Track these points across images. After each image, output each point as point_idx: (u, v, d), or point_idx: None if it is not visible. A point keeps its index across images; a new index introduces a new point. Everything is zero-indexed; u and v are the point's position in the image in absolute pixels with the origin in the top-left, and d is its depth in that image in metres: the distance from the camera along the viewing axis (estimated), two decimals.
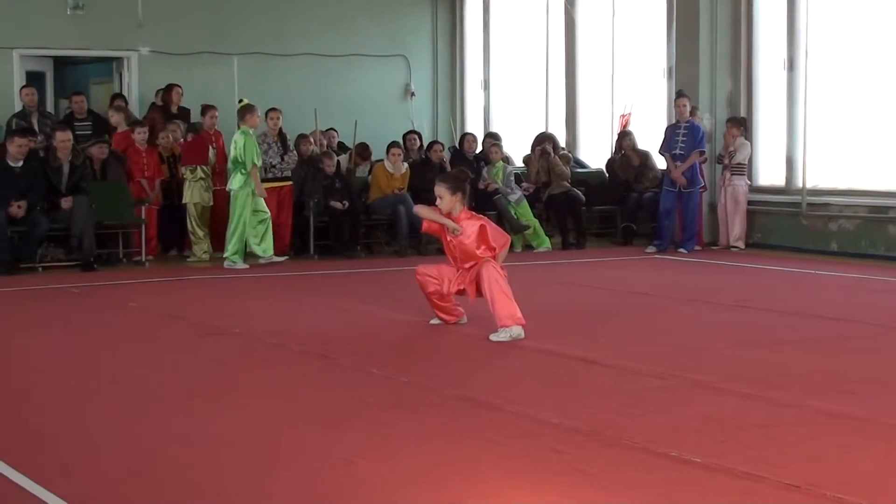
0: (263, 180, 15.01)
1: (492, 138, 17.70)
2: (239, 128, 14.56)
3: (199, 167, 15.38)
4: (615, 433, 6.12)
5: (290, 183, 15.41)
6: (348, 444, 5.99)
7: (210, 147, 15.67)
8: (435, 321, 9.83)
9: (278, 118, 15.61)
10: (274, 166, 15.35)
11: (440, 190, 9.55)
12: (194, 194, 15.39)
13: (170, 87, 17.37)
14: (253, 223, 14.48)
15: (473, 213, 9.93)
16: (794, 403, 6.86)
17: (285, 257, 14.95)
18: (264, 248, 14.58)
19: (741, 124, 16.10)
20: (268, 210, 14.67)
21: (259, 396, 7.22)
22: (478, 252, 9.40)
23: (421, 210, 10.10)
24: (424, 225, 10.02)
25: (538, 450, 5.87)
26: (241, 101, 14.99)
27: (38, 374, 8.05)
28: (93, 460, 5.81)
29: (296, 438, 6.14)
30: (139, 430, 6.37)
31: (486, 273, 9.17)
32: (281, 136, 15.64)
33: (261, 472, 5.55)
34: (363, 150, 17.59)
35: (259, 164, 14.60)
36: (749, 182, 16.17)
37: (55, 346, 9.22)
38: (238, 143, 14.40)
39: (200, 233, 15.44)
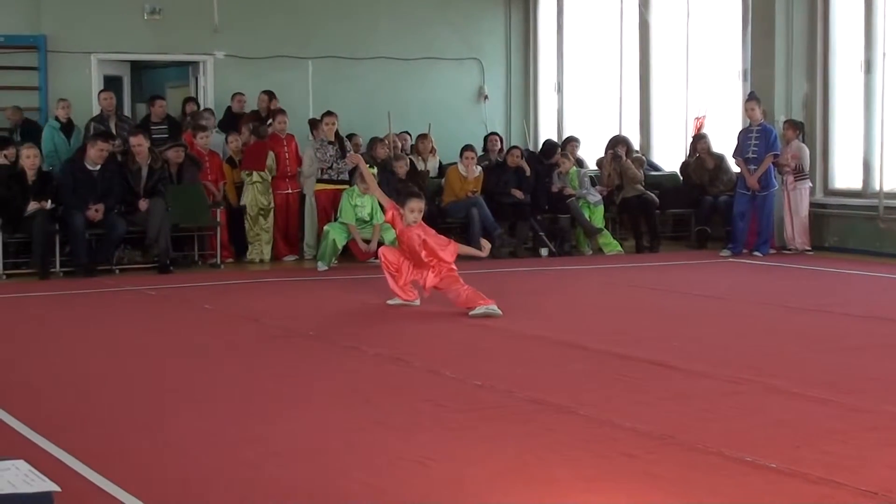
0: (320, 181, 15.74)
1: (572, 142, 17.74)
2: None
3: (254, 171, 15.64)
4: (689, 438, 6.09)
5: (346, 186, 15.45)
6: (421, 447, 6.00)
7: (269, 153, 15.77)
8: (392, 301, 11.15)
9: (334, 123, 15.81)
10: (330, 168, 15.58)
11: (421, 205, 10.99)
12: (249, 197, 15.64)
13: (268, 94, 17.48)
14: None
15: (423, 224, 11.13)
16: (872, 409, 6.78)
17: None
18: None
19: (798, 127, 15.92)
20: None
21: (332, 398, 7.24)
22: (422, 256, 10.77)
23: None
24: (388, 215, 11.17)
25: (610, 454, 5.84)
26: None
27: (115, 377, 8.13)
28: (170, 461, 5.85)
29: (369, 440, 6.16)
30: (214, 431, 6.42)
31: (454, 295, 10.67)
32: (338, 138, 15.81)
33: (334, 473, 5.57)
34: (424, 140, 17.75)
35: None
36: (812, 185, 16.01)
37: (131, 348, 9.30)
38: None
39: (255, 234, 15.73)
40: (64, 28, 17.94)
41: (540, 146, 18.10)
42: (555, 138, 19.16)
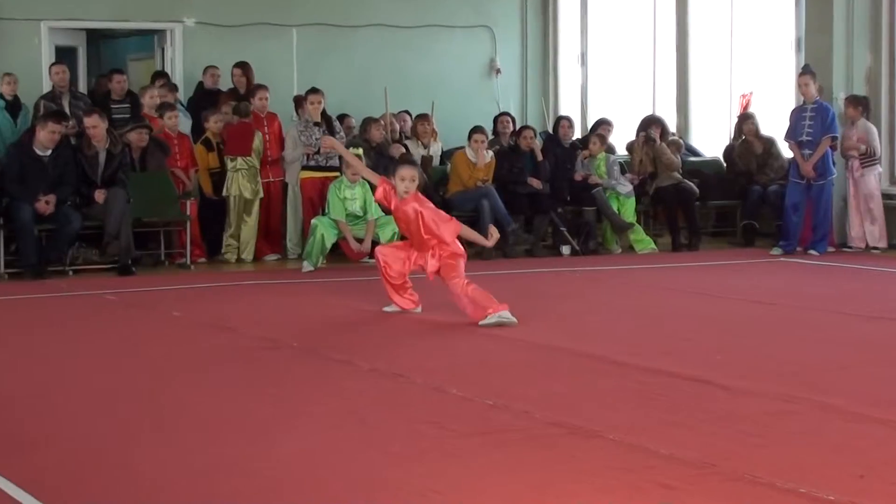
0: (305, 168, 15.77)
1: (605, 125, 17.68)
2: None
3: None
4: (734, 466, 6.08)
5: (337, 174, 15.39)
6: (424, 476, 6.00)
7: (255, 134, 15.73)
8: (389, 308, 11.18)
9: (320, 102, 15.77)
10: (317, 153, 15.53)
11: (414, 173, 10.95)
12: (234, 185, 15.67)
13: (242, 67, 17.44)
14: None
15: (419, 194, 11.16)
16: None
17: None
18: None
19: (861, 104, 15.88)
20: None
21: (322, 421, 7.25)
22: (421, 233, 10.76)
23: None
24: (379, 192, 11.15)
25: (644, 484, 5.84)
26: None
27: (70, 395, 8.13)
28: (132, 494, 5.84)
29: (364, 469, 6.16)
30: (184, 459, 6.42)
31: (453, 290, 10.65)
32: (325, 119, 15.78)
33: None
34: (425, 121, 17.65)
35: None
36: (881, 170, 15.99)
37: (87, 361, 9.31)
38: None
39: (238, 228, 15.70)
40: None
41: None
42: (578, 118, 19.13)
